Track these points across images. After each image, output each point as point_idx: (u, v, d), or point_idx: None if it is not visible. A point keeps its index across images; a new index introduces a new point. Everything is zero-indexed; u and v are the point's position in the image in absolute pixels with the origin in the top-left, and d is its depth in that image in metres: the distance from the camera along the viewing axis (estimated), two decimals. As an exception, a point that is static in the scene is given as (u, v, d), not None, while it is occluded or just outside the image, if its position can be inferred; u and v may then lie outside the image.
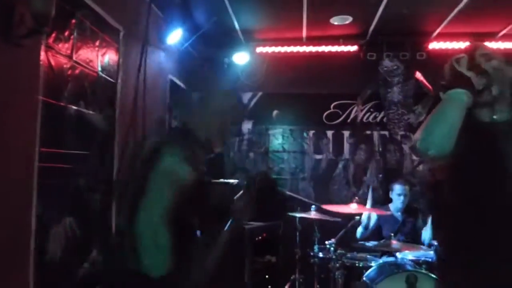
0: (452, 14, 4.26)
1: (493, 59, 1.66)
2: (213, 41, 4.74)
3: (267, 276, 4.60)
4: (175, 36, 4.04)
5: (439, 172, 1.69)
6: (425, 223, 4.02)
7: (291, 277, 4.33)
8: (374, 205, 4.34)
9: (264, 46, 5.18)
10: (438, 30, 4.70)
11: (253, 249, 4.23)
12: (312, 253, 3.85)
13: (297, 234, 4.15)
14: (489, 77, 1.62)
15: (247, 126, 5.52)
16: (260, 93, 5.53)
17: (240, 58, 5.05)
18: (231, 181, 4.12)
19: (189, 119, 1.88)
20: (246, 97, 5.56)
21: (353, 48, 4.97)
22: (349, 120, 5.38)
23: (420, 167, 5.07)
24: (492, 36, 4.78)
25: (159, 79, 4.10)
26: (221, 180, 4.23)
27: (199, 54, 4.87)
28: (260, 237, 4.57)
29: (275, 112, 5.47)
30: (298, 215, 3.98)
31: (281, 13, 4.47)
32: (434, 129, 1.55)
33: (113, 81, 3.10)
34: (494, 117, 1.69)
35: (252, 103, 5.56)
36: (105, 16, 2.92)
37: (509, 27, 4.56)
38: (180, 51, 4.48)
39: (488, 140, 1.62)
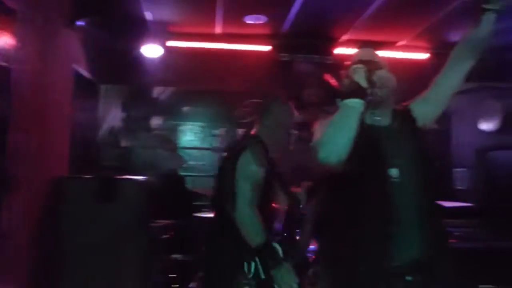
0: (357, 23, 4.51)
1: (380, 68, 1.80)
2: (123, 32, 4.51)
3: (175, 275, 4.51)
4: (81, 22, 3.77)
5: (321, 170, 1.77)
6: None
7: (199, 275, 4.28)
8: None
9: (177, 40, 5.03)
10: (345, 36, 4.94)
11: (160, 247, 4.11)
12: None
13: (204, 232, 4.10)
14: (375, 85, 1.72)
15: (156, 121, 5.35)
16: (171, 88, 5.39)
17: (152, 51, 4.86)
18: (139, 177, 3.94)
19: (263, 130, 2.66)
20: (157, 91, 5.39)
21: (267, 48, 5.03)
22: (261, 119, 5.44)
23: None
24: (391, 45, 5.13)
25: (62, 68, 3.79)
26: (128, 176, 4.03)
27: (107, 44, 4.59)
28: (168, 235, 4.47)
29: (186, 108, 5.38)
30: (204, 215, 3.92)
31: (195, 7, 4.38)
32: (334, 139, 1.61)
33: (8, 67, 2.79)
34: (378, 119, 1.83)
35: (163, 98, 5.40)
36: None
37: (408, 38, 4.94)
38: (87, 39, 4.19)
39: (370, 143, 1.72)
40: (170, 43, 5.05)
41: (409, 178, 1.73)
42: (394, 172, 1.71)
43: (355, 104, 1.63)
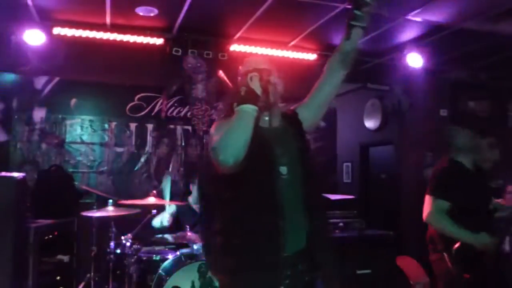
0: (251, 21, 4.62)
1: (271, 74, 1.93)
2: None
3: (58, 277, 4.27)
4: None
5: (214, 167, 1.83)
6: None
7: (86, 276, 4.10)
8: (174, 197, 4.41)
9: (63, 27, 4.71)
10: (238, 34, 5.03)
11: (40, 248, 3.86)
12: (108, 250, 3.71)
13: (93, 230, 3.95)
14: (268, 91, 1.86)
15: (39, 114, 4.99)
16: (57, 79, 5.06)
17: (33, 37, 4.50)
18: (16, 174, 3.65)
19: None
20: (39, 82, 5.02)
21: (159, 41, 4.93)
22: (153, 114, 5.35)
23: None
24: (284, 45, 5.34)
25: None
26: (4, 173, 3.71)
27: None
28: (50, 236, 4.21)
29: (73, 101, 5.08)
30: (92, 214, 3.75)
31: (82, -6, 4.16)
32: (231, 143, 1.73)
33: None
34: (266, 120, 1.94)
35: (47, 89, 5.05)
36: None
37: (297, 39, 5.16)
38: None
39: (261, 143, 1.83)
40: (57, 31, 4.72)
41: (296, 174, 1.88)
42: (283, 169, 1.86)
43: (251, 109, 1.77)
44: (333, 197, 4.93)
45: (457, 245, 2.71)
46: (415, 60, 5.12)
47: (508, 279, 2.94)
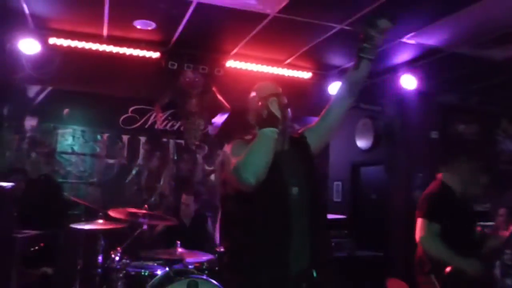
0: (247, 38, 4.65)
1: (284, 98, 2.03)
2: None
3: (43, 290, 4.18)
4: None
5: (229, 186, 1.91)
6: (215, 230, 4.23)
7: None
8: (165, 212, 4.37)
9: (58, 37, 4.70)
10: (235, 50, 5.06)
11: (23, 260, 3.77)
12: (95, 264, 3.63)
13: (81, 243, 3.88)
14: (286, 114, 1.98)
15: (30, 122, 4.93)
16: (49, 88, 5.03)
17: (28, 46, 4.48)
18: (5, 184, 3.59)
19: None
20: (32, 90, 4.98)
21: (155, 54, 4.94)
22: (146, 126, 5.33)
23: (212, 177, 5.33)
24: (279, 62, 5.38)
25: None
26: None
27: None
28: (36, 247, 4.12)
29: (66, 110, 5.04)
30: (81, 227, 3.69)
31: (81, 6, 4.16)
32: (254, 162, 1.81)
33: None
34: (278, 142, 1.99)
35: (40, 98, 5.01)
36: None
37: (293, 57, 5.21)
38: None
39: (276, 164, 1.90)
40: (52, 40, 4.70)
41: (305, 195, 1.98)
42: (294, 190, 1.95)
43: (272, 132, 1.86)
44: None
45: (448, 269, 2.72)
46: (408, 81, 5.19)
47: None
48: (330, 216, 5.13)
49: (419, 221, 2.89)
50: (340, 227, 4.94)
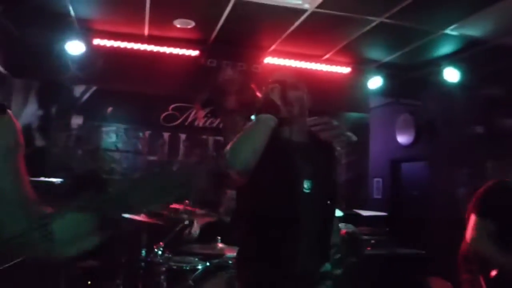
0: (285, 34, 4.65)
1: (296, 88, 1.92)
2: (42, 24, 4.28)
3: (89, 282, 4.33)
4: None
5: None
6: None
7: (115, 283, 4.14)
8: (205, 207, 4.42)
9: (102, 38, 4.85)
10: (273, 47, 5.06)
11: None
12: (139, 257, 3.74)
13: (125, 237, 3.99)
14: (289, 103, 1.86)
15: (77, 121, 5.13)
16: (94, 88, 5.21)
17: (74, 47, 4.65)
18: (53, 180, 3.76)
19: None
20: (78, 90, 5.17)
21: (195, 52, 5.01)
22: (186, 124, 5.42)
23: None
24: (318, 58, 5.34)
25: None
26: (42, 178, 3.83)
27: (24, 36, 4.33)
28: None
29: (109, 109, 5.20)
30: (126, 215, 3.81)
31: (123, 7, 4.28)
32: (242, 148, 1.72)
33: None
34: (293, 134, 1.92)
35: (85, 97, 5.19)
36: None
37: (331, 52, 5.16)
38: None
39: (283, 154, 1.83)
40: (96, 41, 4.87)
41: (318, 191, 1.86)
42: (307, 183, 1.83)
43: (267, 119, 1.76)
44: (365, 213, 4.87)
45: (494, 272, 2.62)
46: (451, 75, 5.03)
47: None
48: (370, 213, 5.05)
49: (472, 219, 2.78)
50: (381, 224, 4.86)
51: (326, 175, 1.94)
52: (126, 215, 3.78)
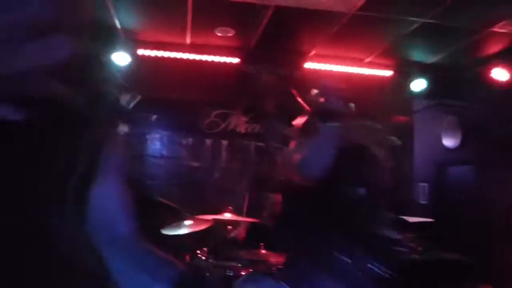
0: (326, 38, 4.63)
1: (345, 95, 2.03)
2: (90, 37, 4.47)
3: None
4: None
5: (292, 183, 1.88)
6: None
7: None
8: (247, 213, 4.46)
9: (146, 48, 5.02)
10: (313, 52, 5.05)
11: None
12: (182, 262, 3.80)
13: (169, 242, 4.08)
14: (351, 110, 1.99)
15: (123, 129, 5.29)
16: (139, 96, 5.36)
17: (120, 58, 4.83)
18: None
19: None
20: (123, 99, 5.34)
21: (235, 60, 5.09)
22: (228, 130, 5.49)
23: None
24: (359, 61, 5.28)
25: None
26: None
27: (72, 48, 4.53)
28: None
29: (154, 117, 5.35)
30: (168, 232, 3.86)
31: (166, 17, 4.41)
32: (319, 156, 1.82)
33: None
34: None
35: (130, 106, 5.35)
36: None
37: (373, 55, 5.09)
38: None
39: (340, 159, 1.85)
40: (140, 51, 5.03)
41: (368, 198, 1.91)
42: (361, 190, 1.91)
43: (335, 126, 1.88)
44: (411, 219, 4.74)
45: None
46: (500, 74, 4.83)
47: None
48: (416, 219, 4.92)
49: None
50: (427, 231, 4.72)
51: (376, 181, 1.97)
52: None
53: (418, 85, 5.32)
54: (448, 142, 6.14)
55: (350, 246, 1.82)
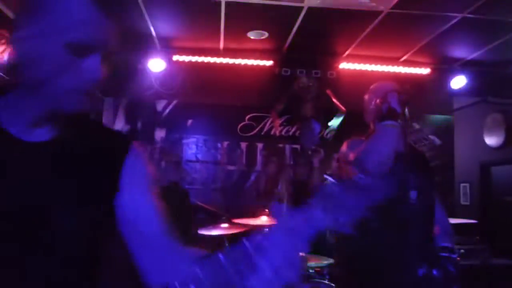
0: (360, 38, 4.56)
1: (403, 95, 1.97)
2: (126, 45, 4.59)
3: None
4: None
5: None
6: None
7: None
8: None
9: (181, 54, 5.10)
10: (347, 52, 4.99)
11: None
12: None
13: (208, 246, 4.11)
14: (405, 109, 1.94)
15: (160, 134, 5.40)
16: (175, 102, 5.46)
17: (156, 65, 4.94)
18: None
19: None
20: (160, 105, 5.45)
21: (269, 62, 5.09)
22: (263, 133, 5.50)
23: (327, 182, 5.28)
24: (395, 60, 5.17)
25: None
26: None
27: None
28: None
29: (189, 121, 5.43)
30: (206, 233, 3.89)
31: (199, 23, 4.46)
32: (377, 151, 1.81)
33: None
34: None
35: (167, 111, 5.46)
36: None
37: (409, 53, 4.97)
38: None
39: (395, 164, 1.82)
40: (176, 58, 5.12)
41: (421, 202, 1.90)
42: (413, 194, 1.88)
43: (393, 125, 1.85)
44: (452, 220, 4.58)
45: None
46: (546, 70, 4.62)
47: None
48: (457, 220, 4.75)
49: None
50: (470, 233, 4.55)
51: (428, 185, 1.98)
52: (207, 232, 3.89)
53: (458, 82, 5.16)
54: (491, 140, 5.91)
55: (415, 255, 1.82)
